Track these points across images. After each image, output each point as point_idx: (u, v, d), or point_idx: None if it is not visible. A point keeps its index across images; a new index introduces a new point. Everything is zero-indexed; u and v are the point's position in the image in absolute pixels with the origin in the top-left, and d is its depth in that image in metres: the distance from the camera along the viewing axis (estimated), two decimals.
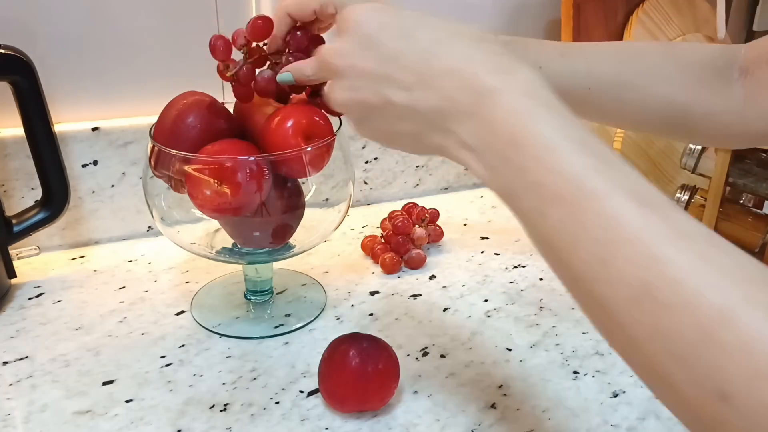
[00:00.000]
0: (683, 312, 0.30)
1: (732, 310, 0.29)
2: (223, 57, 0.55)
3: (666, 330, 0.30)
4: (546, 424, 0.52)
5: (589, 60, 0.56)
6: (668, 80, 0.55)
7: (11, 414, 0.52)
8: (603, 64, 0.56)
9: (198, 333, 0.62)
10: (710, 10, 0.88)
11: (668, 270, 0.31)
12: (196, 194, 0.55)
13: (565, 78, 0.55)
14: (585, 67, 0.55)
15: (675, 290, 0.30)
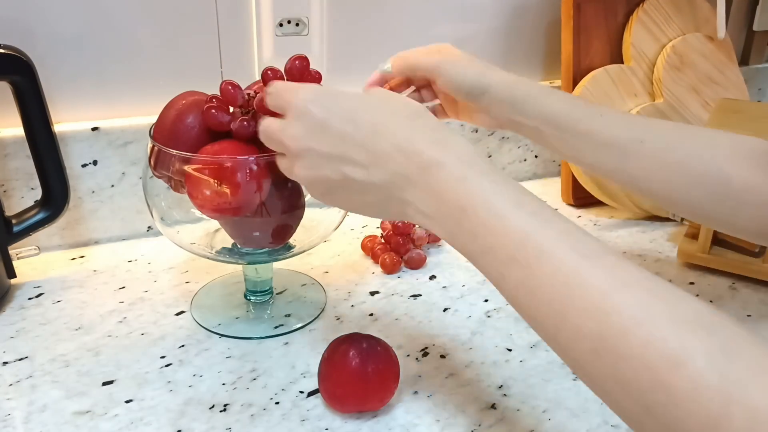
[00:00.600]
0: (637, 361, 0.32)
1: (679, 357, 0.30)
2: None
3: (626, 379, 0.32)
4: (546, 425, 0.52)
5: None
6: (719, 151, 0.55)
7: (11, 414, 0.52)
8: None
9: (198, 333, 0.62)
10: (710, 10, 0.88)
11: (616, 320, 0.33)
12: (195, 194, 0.55)
13: (621, 128, 0.57)
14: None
15: (626, 340, 0.32)
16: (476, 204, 0.39)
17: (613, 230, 0.83)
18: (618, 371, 0.32)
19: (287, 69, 0.56)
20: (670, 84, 0.84)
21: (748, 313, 0.66)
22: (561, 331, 0.35)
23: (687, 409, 0.30)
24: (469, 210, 0.39)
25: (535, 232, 0.37)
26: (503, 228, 0.38)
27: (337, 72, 0.82)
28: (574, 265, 0.35)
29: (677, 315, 0.32)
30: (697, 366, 0.30)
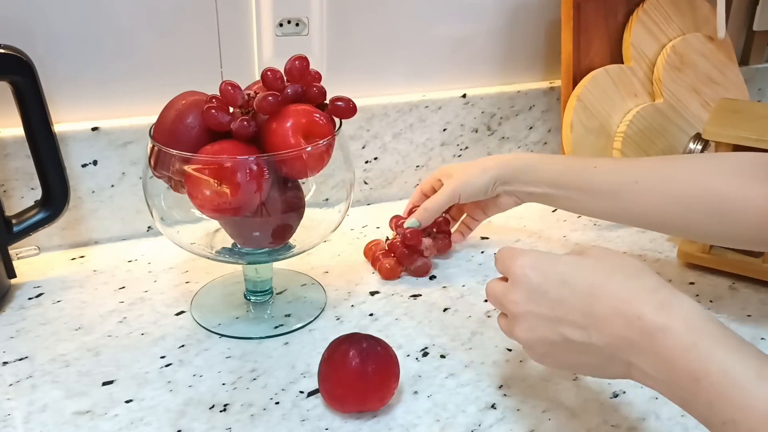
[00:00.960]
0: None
1: None
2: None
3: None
4: (546, 424, 0.52)
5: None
6: (713, 169, 0.58)
7: (11, 414, 0.52)
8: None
9: (198, 333, 0.62)
10: (710, 10, 0.88)
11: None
12: (195, 194, 0.55)
13: (614, 174, 0.63)
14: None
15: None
16: (711, 374, 0.37)
17: (613, 230, 0.83)
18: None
19: (287, 69, 0.56)
20: (670, 84, 0.84)
21: (748, 313, 0.66)
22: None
23: None
24: (703, 380, 0.37)
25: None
26: (744, 401, 0.35)
27: (337, 72, 0.82)
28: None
29: None
30: None
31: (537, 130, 0.94)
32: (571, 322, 0.43)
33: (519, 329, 0.46)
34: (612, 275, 0.43)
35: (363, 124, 0.84)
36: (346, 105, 0.58)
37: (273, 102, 0.54)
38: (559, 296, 0.44)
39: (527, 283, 0.45)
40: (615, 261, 0.45)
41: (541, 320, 0.45)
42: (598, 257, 0.46)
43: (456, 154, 0.91)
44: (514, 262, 0.47)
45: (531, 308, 0.45)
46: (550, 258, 0.46)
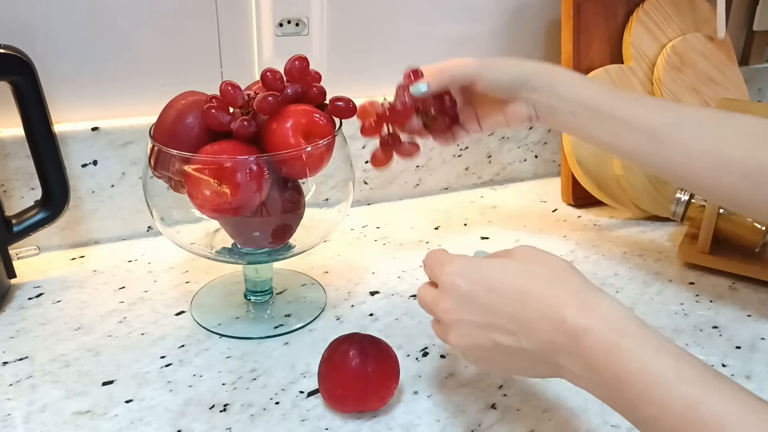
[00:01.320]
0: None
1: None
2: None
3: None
4: (546, 425, 0.52)
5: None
6: (752, 135, 0.55)
7: (11, 414, 0.52)
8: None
9: (198, 333, 0.62)
10: (710, 10, 0.88)
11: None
12: (195, 194, 0.55)
13: (655, 113, 0.57)
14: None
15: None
16: (632, 375, 0.37)
17: (613, 230, 0.83)
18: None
19: (287, 70, 0.56)
20: (670, 84, 0.84)
21: (748, 313, 0.66)
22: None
23: None
24: (625, 381, 0.38)
25: (699, 402, 0.35)
26: (664, 400, 0.36)
27: (337, 72, 0.82)
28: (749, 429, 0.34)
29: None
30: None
31: (537, 130, 0.94)
32: (502, 327, 0.44)
33: (452, 336, 0.47)
34: (537, 278, 0.44)
35: None
36: (346, 105, 0.58)
37: (273, 102, 0.54)
38: (488, 303, 0.44)
39: (456, 291, 0.46)
40: (540, 262, 0.46)
41: (472, 327, 0.45)
42: (523, 259, 0.46)
43: (456, 154, 0.91)
44: (442, 270, 0.47)
45: (462, 316, 0.45)
46: (477, 264, 0.47)
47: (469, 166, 0.93)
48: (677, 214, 0.75)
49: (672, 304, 0.68)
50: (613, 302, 0.41)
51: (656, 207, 0.83)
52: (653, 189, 0.82)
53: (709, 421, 0.34)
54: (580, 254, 0.77)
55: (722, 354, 0.60)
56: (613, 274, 0.73)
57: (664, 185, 0.82)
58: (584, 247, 0.79)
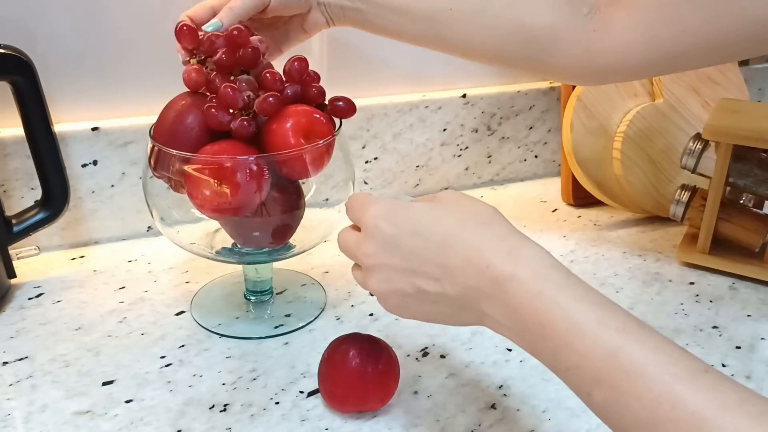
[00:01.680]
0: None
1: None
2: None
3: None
4: (546, 424, 0.52)
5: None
6: (521, 3, 0.58)
7: (11, 414, 0.52)
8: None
9: (198, 333, 0.62)
10: None
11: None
12: (195, 194, 0.55)
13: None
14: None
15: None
16: (555, 322, 0.37)
17: (613, 230, 0.83)
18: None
19: (286, 71, 0.56)
20: (670, 84, 0.84)
21: (748, 313, 0.66)
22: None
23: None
24: (548, 328, 0.37)
25: (620, 350, 0.35)
26: (586, 347, 0.36)
27: (337, 72, 0.82)
28: (666, 387, 0.33)
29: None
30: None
31: (537, 130, 0.94)
32: (425, 273, 0.43)
33: (373, 281, 0.46)
34: (463, 223, 0.43)
35: (363, 124, 0.84)
36: (346, 105, 0.58)
37: (274, 103, 0.54)
38: (412, 247, 0.43)
39: (380, 235, 0.44)
40: (466, 207, 0.44)
41: (395, 272, 0.44)
42: (449, 203, 0.45)
43: (456, 154, 0.91)
44: (366, 213, 0.45)
45: (385, 260, 0.44)
46: (402, 207, 0.45)
47: (469, 166, 0.93)
48: (677, 215, 0.75)
49: (672, 304, 0.68)
50: (539, 250, 0.41)
51: (656, 207, 0.83)
52: (653, 189, 0.82)
53: (630, 369, 0.34)
54: (580, 254, 0.77)
55: (722, 354, 0.60)
56: (613, 274, 0.73)
57: (664, 185, 0.83)
58: (584, 247, 0.79)
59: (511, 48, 0.59)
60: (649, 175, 0.82)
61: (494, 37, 0.59)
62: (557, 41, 0.57)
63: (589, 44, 0.56)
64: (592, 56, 0.56)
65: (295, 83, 0.56)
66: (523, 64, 0.60)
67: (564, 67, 0.59)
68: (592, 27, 0.56)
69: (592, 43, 0.56)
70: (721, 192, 0.71)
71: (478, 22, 0.59)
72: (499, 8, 0.58)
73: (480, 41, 0.60)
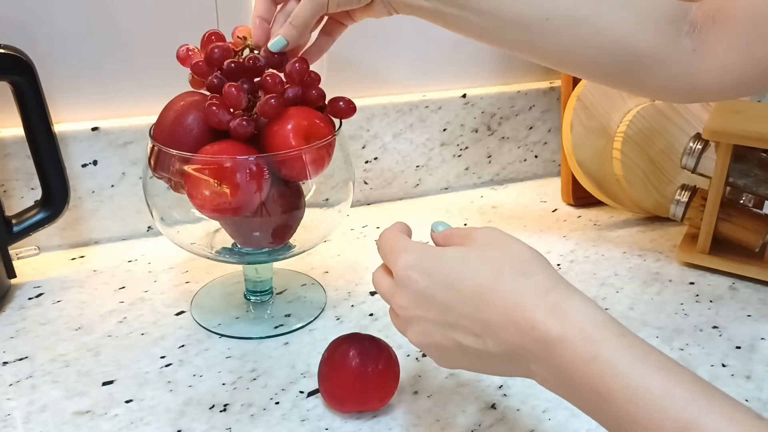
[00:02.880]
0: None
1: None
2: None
3: None
4: (546, 425, 0.52)
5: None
6: (624, 22, 0.55)
7: (11, 414, 0.52)
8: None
9: (198, 333, 0.62)
10: None
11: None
12: (195, 194, 0.55)
13: (524, 5, 0.55)
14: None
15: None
16: (614, 391, 0.34)
17: (613, 230, 0.83)
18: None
19: (287, 72, 0.56)
20: None
21: (748, 313, 0.66)
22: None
23: None
24: (606, 395, 0.34)
25: (692, 425, 0.32)
26: (652, 421, 0.33)
27: (337, 72, 0.82)
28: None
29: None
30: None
31: (537, 130, 0.94)
32: (464, 327, 0.40)
33: (412, 333, 0.43)
34: (500, 274, 0.40)
35: (363, 124, 0.84)
36: (346, 105, 0.58)
37: (275, 105, 0.54)
38: (447, 301, 0.41)
39: (413, 287, 0.42)
40: (503, 253, 0.41)
41: (432, 325, 0.42)
42: (485, 247, 0.42)
43: (456, 154, 0.91)
44: (397, 262, 0.43)
45: (420, 313, 0.42)
46: (434, 255, 0.43)
47: (469, 166, 0.93)
48: (677, 215, 0.75)
49: (672, 304, 0.68)
50: (587, 305, 0.38)
51: (656, 207, 0.83)
52: (653, 189, 0.82)
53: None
54: (580, 254, 0.77)
55: (722, 354, 0.60)
56: (613, 274, 0.73)
57: (664, 185, 0.83)
58: (584, 247, 0.79)
59: (609, 65, 0.56)
60: (649, 175, 0.82)
61: (592, 54, 0.56)
62: (658, 61, 0.55)
63: (690, 65, 0.54)
64: (691, 77, 0.55)
65: (296, 85, 0.56)
66: (619, 81, 0.58)
67: (662, 87, 0.57)
68: (692, 47, 0.54)
69: (691, 64, 0.54)
70: (721, 192, 0.71)
71: (577, 37, 0.55)
72: (601, 25, 0.55)
73: (575, 55, 0.56)
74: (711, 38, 0.54)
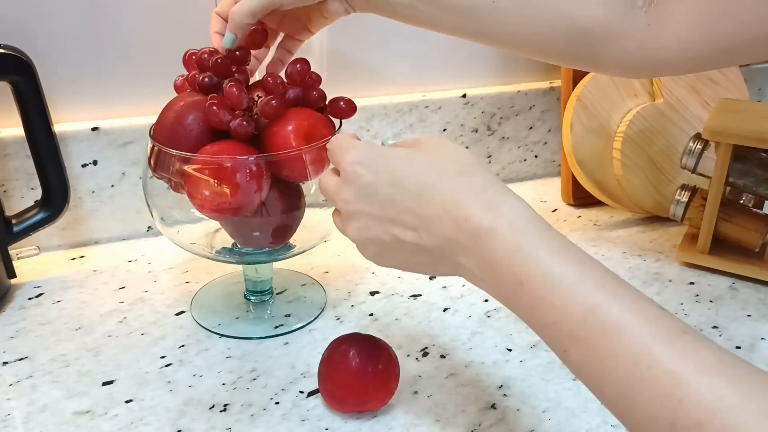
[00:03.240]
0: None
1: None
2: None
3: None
4: (546, 425, 0.52)
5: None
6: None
7: (11, 414, 0.52)
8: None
9: (198, 333, 0.62)
10: None
11: (689, 410, 0.30)
12: (195, 194, 0.55)
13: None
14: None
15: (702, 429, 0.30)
16: (533, 277, 0.37)
17: (613, 230, 0.83)
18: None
19: (288, 73, 0.56)
20: (670, 84, 0.84)
21: (748, 313, 0.66)
22: (630, 415, 0.33)
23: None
24: (525, 283, 0.37)
25: (598, 308, 0.34)
26: (563, 304, 0.35)
27: (337, 72, 0.82)
28: (644, 347, 0.33)
29: (759, 405, 0.29)
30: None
31: (537, 130, 0.94)
32: (402, 222, 0.42)
33: (351, 228, 0.44)
34: (442, 173, 0.42)
35: (363, 124, 0.84)
36: (347, 105, 0.58)
37: (276, 106, 0.54)
38: (390, 196, 0.42)
39: (358, 182, 0.43)
40: (447, 155, 0.43)
41: (372, 220, 0.43)
42: (430, 150, 0.43)
43: None
44: (344, 157, 0.44)
45: (362, 207, 0.43)
46: (381, 154, 0.44)
47: None
48: (677, 215, 0.75)
49: (672, 304, 0.68)
50: (519, 202, 0.40)
51: (656, 207, 0.83)
52: (653, 189, 0.82)
53: (607, 327, 0.34)
54: None
55: None
56: None
57: (664, 185, 0.83)
58: (584, 247, 0.78)
59: (559, 43, 0.56)
60: (649, 175, 0.82)
61: (541, 33, 0.55)
62: (610, 36, 0.54)
63: (644, 39, 0.54)
64: (647, 51, 0.54)
65: (297, 86, 0.56)
66: (571, 58, 0.57)
67: (616, 62, 0.56)
68: (647, 21, 0.53)
69: (647, 38, 0.54)
70: (721, 192, 0.71)
71: (524, 16, 0.55)
72: (546, 3, 0.54)
73: (525, 36, 0.56)
74: (668, 12, 0.53)
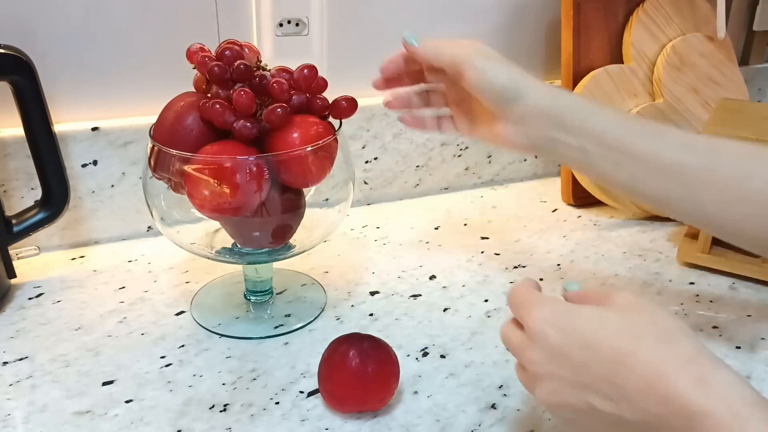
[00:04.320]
0: None
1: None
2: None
3: None
4: (546, 425, 0.52)
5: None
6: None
7: (11, 414, 0.52)
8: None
9: (198, 333, 0.62)
10: (710, 10, 0.88)
11: None
12: (195, 194, 0.55)
13: (683, 152, 0.49)
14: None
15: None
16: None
17: (613, 230, 0.83)
18: None
19: (294, 79, 0.56)
20: (670, 84, 0.84)
21: (748, 313, 0.66)
22: None
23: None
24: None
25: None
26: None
27: (338, 72, 0.82)
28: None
29: None
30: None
31: None
32: (598, 390, 0.38)
33: (540, 391, 0.41)
34: (640, 338, 0.38)
35: (363, 124, 0.84)
36: (348, 103, 0.58)
37: (281, 114, 0.54)
38: (582, 360, 0.39)
39: (545, 342, 0.40)
40: (643, 317, 0.39)
41: (564, 385, 0.39)
42: (623, 310, 0.40)
43: (456, 154, 0.91)
44: (530, 314, 0.41)
45: (552, 370, 0.40)
46: (570, 312, 0.41)
47: (469, 166, 0.93)
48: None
49: (672, 304, 0.68)
50: (735, 379, 0.36)
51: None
52: None
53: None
54: (580, 254, 0.77)
55: (722, 354, 0.60)
56: (613, 274, 0.73)
57: None
58: (584, 247, 0.79)
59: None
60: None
61: (760, 212, 0.48)
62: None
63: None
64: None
65: (302, 92, 0.56)
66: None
67: None
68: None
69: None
70: None
71: (742, 191, 0.48)
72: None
73: (740, 214, 0.49)
74: None
